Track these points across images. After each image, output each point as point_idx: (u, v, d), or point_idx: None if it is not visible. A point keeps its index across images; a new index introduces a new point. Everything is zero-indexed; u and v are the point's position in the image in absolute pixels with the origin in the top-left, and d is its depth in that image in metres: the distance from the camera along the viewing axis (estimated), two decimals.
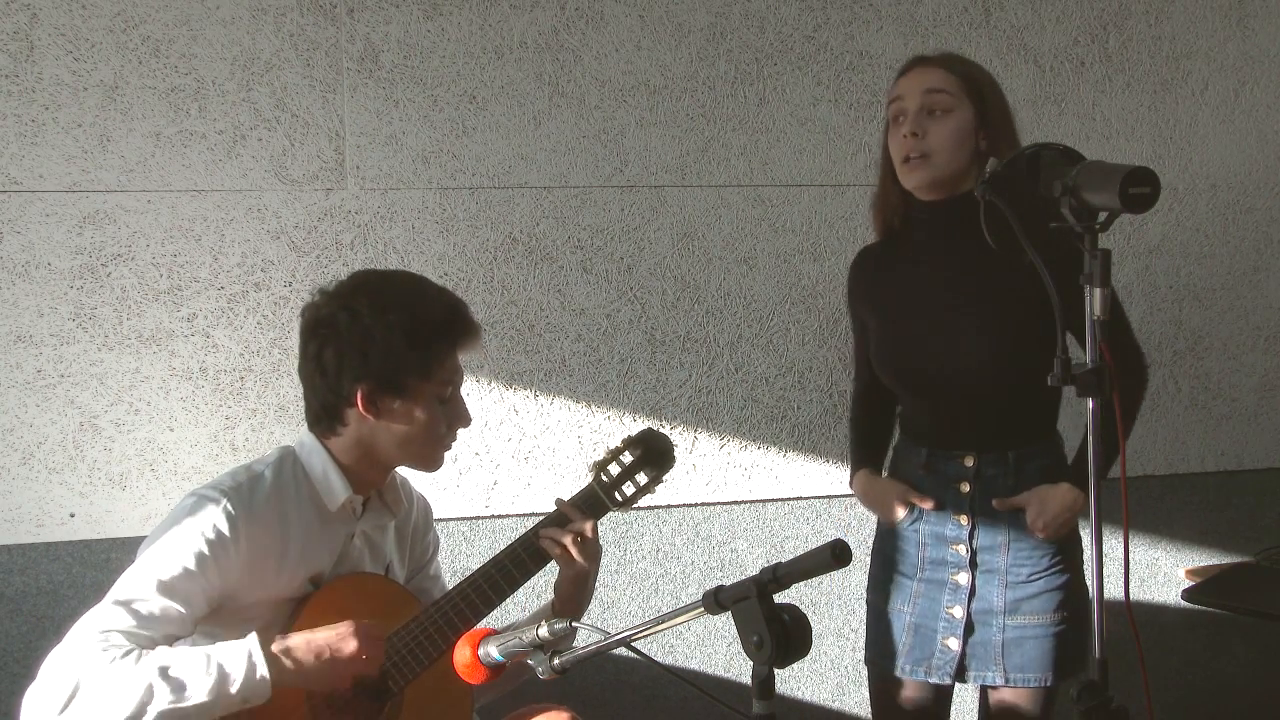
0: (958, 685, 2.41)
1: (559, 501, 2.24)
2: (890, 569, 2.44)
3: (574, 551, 2.17)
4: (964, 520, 2.35)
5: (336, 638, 1.95)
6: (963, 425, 2.35)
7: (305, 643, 1.94)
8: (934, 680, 2.38)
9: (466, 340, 2.13)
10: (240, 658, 1.88)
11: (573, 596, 2.22)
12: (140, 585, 1.93)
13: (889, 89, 2.40)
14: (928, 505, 2.37)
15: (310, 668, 1.93)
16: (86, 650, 1.85)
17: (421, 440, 2.11)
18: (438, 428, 2.11)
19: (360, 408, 2.06)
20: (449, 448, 2.17)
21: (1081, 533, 2.66)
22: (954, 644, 2.35)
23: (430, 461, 2.17)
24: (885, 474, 2.52)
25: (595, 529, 2.21)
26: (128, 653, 1.85)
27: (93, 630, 1.88)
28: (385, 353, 2.03)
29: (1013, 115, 2.37)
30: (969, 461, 2.34)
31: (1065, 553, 2.36)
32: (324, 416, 2.11)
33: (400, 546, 2.31)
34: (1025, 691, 2.35)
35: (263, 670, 1.88)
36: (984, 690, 2.45)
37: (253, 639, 1.90)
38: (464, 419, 2.16)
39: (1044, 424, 2.40)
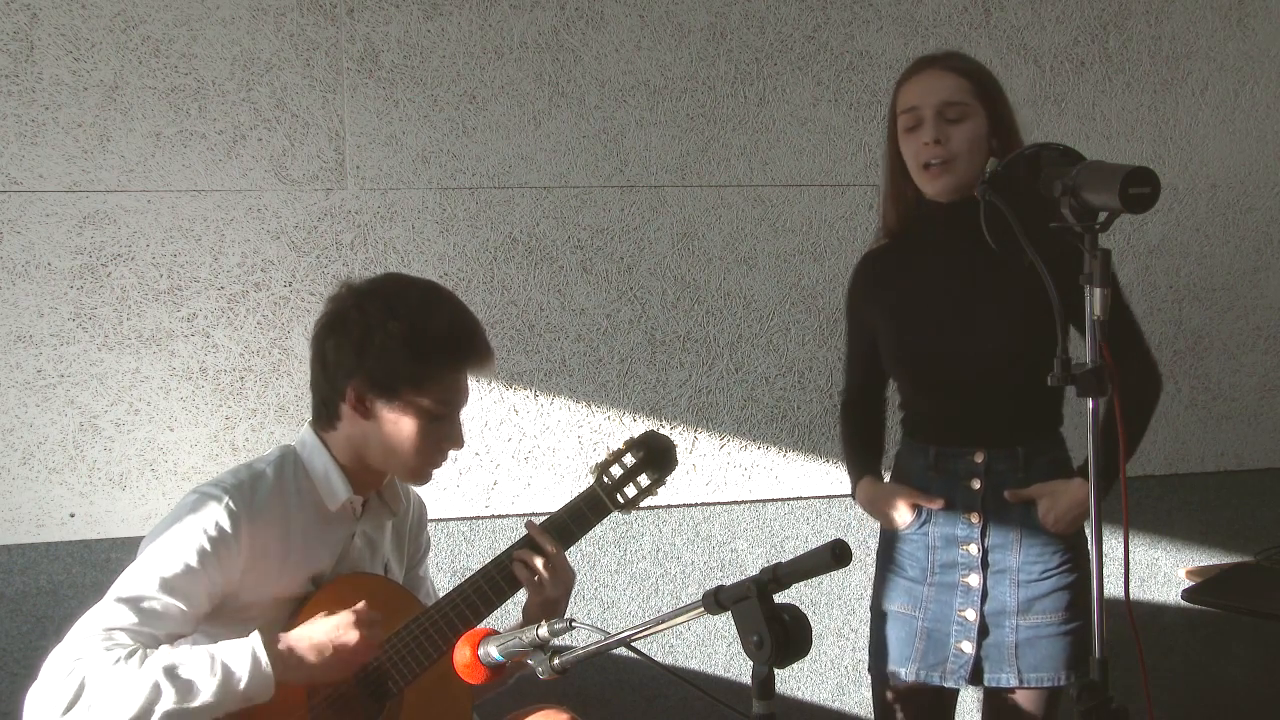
0: (969, 687, 2.40)
1: (529, 525, 2.23)
2: (899, 575, 2.42)
3: (543, 577, 2.17)
4: (975, 519, 2.34)
5: (338, 631, 1.95)
6: (974, 420, 2.35)
7: (308, 638, 1.95)
8: (949, 684, 2.37)
9: (471, 363, 2.11)
10: (244, 656, 1.88)
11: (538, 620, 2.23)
12: (143, 582, 1.93)
13: (896, 93, 2.37)
14: (936, 505, 2.36)
15: (314, 664, 1.93)
16: (91, 649, 1.85)
17: (407, 451, 2.09)
18: (425, 442, 2.09)
19: (350, 405, 2.07)
20: (438, 465, 2.15)
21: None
22: (968, 647, 2.34)
23: (414, 474, 2.15)
24: (889, 479, 2.50)
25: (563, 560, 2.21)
26: (132, 652, 1.85)
27: (96, 628, 1.88)
28: (379, 356, 2.03)
29: (1015, 112, 2.37)
30: (979, 458, 2.34)
31: (1074, 551, 2.36)
32: (322, 409, 2.13)
33: (397, 546, 2.31)
34: (1036, 692, 2.35)
35: (267, 668, 1.88)
36: (988, 691, 2.44)
37: (255, 637, 1.90)
38: (456, 441, 2.14)
39: (1052, 419, 2.41)
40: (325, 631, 1.95)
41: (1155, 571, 3.31)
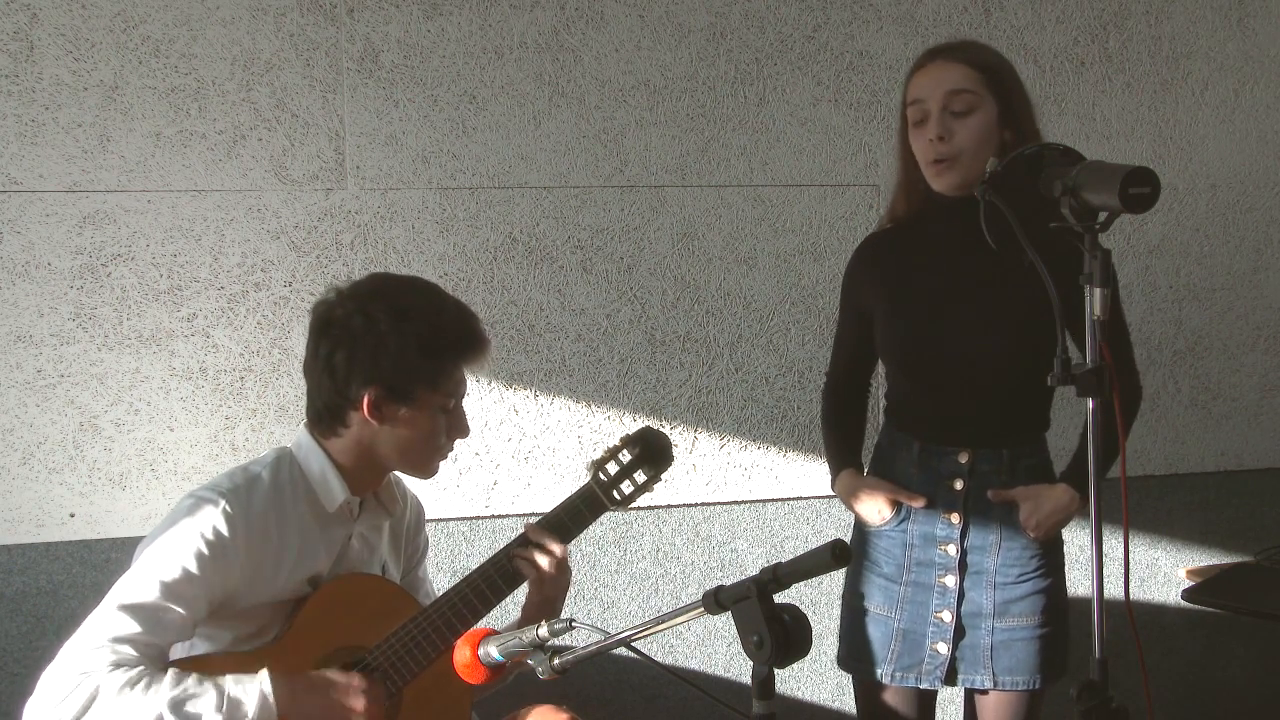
0: (944, 688, 2.40)
1: (528, 526, 2.24)
2: (874, 572, 2.40)
3: (548, 574, 2.18)
4: (955, 519, 2.33)
5: (347, 686, 1.99)
6: (962, 418, 2.33)
7: (315, 683, 1.98)
8: (924, 686, 2.36)
9: (477, 354, 2.13)
10: (253, 695, 1.90)
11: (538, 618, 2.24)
12: (144, 589, 1.92)
13: (906, 85, 2.33)
14: (918, 504, 2.34)
15: (317, 704, 1.97)
16: (98, 663, 1.85)
17: (421, 448, 2.12)
18: (438, 437, 2.12)
19: (365, 412, 2.06)
20: (445, 457, 2.18)
21: (1081, 533, 2.67)
22: (943, 648, 2.33)
23: (426, 469, 2.18)
24: (871, 471, 2.47)
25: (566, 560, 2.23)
26: (140, 676, 1.86)
27: (102, 638, 1.88)
28: (398, 360, 2.03)
29: (1031, 102, 2.32)
30: (964, 458, 2.32)
31: (1050, 555, 2.35)
32: (326, 416, 2.11)
33: (395, 546, 2.31)
34: (1012, 694, 2.34)
35: (274, 710, 1.90)
36: (968, 693, 2.44)
37: (264, 676, 1.92)
38: (463, 430, 2.17)
39: (1039, 423, 2.39)
40: (334, 684, 1.98)
41: (1155, 571, 3.31)
